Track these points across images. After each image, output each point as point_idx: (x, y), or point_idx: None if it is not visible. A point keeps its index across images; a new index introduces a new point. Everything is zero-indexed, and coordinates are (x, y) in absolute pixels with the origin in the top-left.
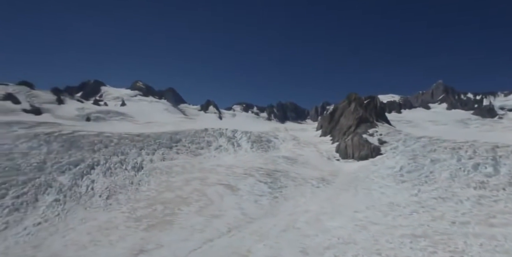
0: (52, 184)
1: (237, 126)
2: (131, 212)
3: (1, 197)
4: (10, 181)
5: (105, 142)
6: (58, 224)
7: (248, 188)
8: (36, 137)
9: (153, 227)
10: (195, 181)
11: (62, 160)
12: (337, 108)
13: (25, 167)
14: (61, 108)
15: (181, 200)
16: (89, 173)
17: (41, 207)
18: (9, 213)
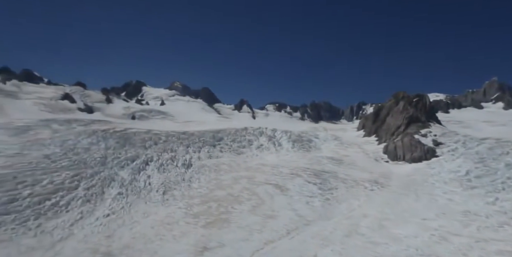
0: (115, 178)
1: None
2: (187, 208)
3: (75, 188)
4: (80, 173)
5: (154, 139)
6: (123, 216)
7: (297, 189)
8: (94, 134)
9: (211, 225)
10: (243, 180)
11: (120, 155)
12: (382, 107)
13: (90, 161)
14: (109, 107)
15: (233, 198)
16: (144, 169)
17: (108, 200)
18: (82, 203)
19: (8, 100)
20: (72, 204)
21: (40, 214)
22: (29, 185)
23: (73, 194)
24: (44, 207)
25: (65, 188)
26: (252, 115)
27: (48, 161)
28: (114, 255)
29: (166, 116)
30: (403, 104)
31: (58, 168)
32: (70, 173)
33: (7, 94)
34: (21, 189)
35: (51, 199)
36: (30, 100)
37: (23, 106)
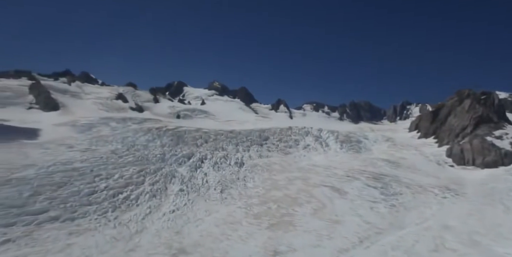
0: (175, 175)
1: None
2: (247, 208)
3: (141, 183)
4: (144, 169)
5: (204, 138)
6: (187, 213)
7: (356, 192)
8: (150, 132)
9: (275, 227)
10: (298, 181)
11: (176, 153)
12: (442, 106)
13: (151, 158)
14: (156, 106)
15: (291, 200)
16: (201, 167)
17: (171, 196)
18: (149, 198)
19: (72, 100)
20: (141, 198)
21: (116, 207)
22: (104, 178)
23: (141, 189)
24: (118, 200)
25: (133, 183)
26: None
27: (115, 156)
28: (188, 252)
29: (208, 115)
30: (469, 102)
31: (125, 163)
32: (136, 169)
33: (72, 94)
34: (98, 182)
35: (123, 193)
36: (90, 100)
37: (84, 105)
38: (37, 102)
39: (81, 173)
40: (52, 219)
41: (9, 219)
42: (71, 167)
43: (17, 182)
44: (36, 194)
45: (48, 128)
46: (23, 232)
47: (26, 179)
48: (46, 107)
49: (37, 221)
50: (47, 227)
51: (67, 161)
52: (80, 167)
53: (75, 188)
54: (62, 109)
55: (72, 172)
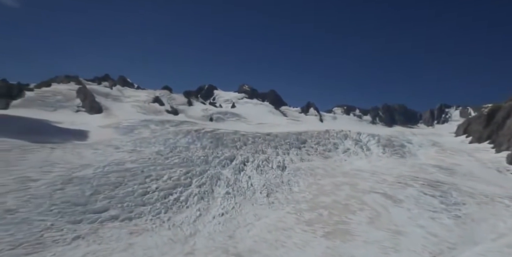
0: (220, 177)
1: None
2: (297, 214)
3: (189, 185)
4: (191, 171)
5: (243, 140)
6: (237, 217)
7: (412, 201)
8: (189, 134)
9: (332, 235)
10: (345, 186)
11: (219, 155)
12: (498, 109)
13: (195, 159)
14: (190, 109)
15: (342, 206)
16: (244, 169)
17: (218, 198)
18: (198, 201)
19: (114, 103)
20: (190, 200)
21: (168, 208)
22: (154, 179)
23: (189, 191)
24: (169, 202)
25: (181, 184)
26: (319, 118)
27: (162, 158)
28: None
29: (240, 118)
30: None
31: (171, 164)
32: (183, 170)
33: (113, 98)
34: (149, 183)
35: (173, 194)
36: (129, 103)
37: (124, 108)
38: (84, 105)
39: (133, 173)
40: (112, 218)
41: (76, 216)
42: (123, 168)
43: (79, 181)
44: (96, 193)
45: (95, 130)
46: (90, 230)
47: (85, 178)
48: (92, 110)
49: (100, 219)
50: (109, 226)
51: (119, 162)
52: (131, 167)
53: (130, 188)
54: (105, 112)
55: (125, 172)
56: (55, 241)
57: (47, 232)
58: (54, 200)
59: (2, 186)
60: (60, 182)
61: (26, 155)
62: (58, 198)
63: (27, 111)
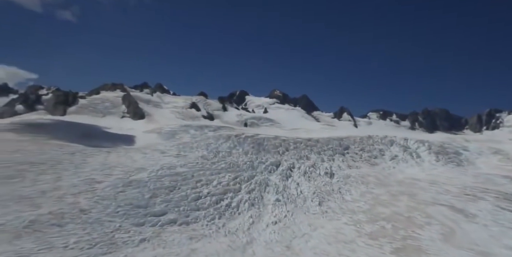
0: (268, 183)
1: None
2: (356, 225)
3: (238, 190)
4: (239, 176)
5: (284, 146)
6: (291, 226)
7: (487, 216)
8: (230, 139)
9: (403, 253)
10: (403, 197)
11: (263, 160)
12: None
13: (242, 165)
14: (225, 115)
15: (405, 219)
16: (291, 176)
17: (269, 205)
18: (249, 207)
19: (154, 109)
20: (241, 206)
21: (221, 214)
22: (205, 184)
23: (239, 197)
24: (221, 207)
25: (231, 190)
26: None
27: (208, 162)
28: None
29: (274, 123)
30: None
31: (219, 169)
32: (231, 176)
33: (154, 104)
34: (201, 188)
35: (224, 200)
36: (168, 109)
37: (164, 114)
38: (128, 111)
39: (184, 178)
40: (171, 222)
41: (139, 218)
42: (175, 172)
43: (137, 184)
44: (154, 196)
45: (140, 135)
46: (153, 233)
47: (142, 181)
48: (135, 116)
49: (160, 223)
50: (169, 230)
51: (170, 166)
52: (182, 172)
53: (183, 193)
54: (147, 118)
55: (177, 176)
56: (125, 242)
57: (117, 233)
58: (118, 202)
59: (74, 187)
60: (121, 184)
61: (87, 158)
62: (121, 200)
63: (81, 117)
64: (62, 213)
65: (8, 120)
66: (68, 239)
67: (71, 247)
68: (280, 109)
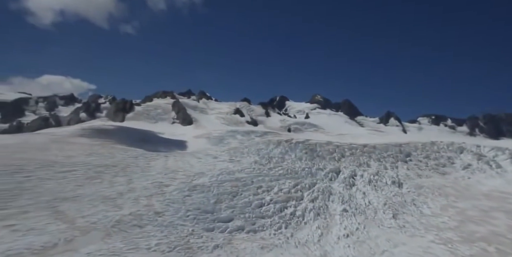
0: (332, 192)
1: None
2: (447, 245)
3: (301, 199)
4: (299, 183)
5: (339, 151)
6: (366, 240)
7: None
8: (280, 144)
9: None
10: (498, 213)
11: (321, 167)
12: None
13: (300, 171)
14: (268, 120)
15: (510, 242)
16: (355, 184)
17: (335, 216)
18: (314, 217)
19: (201, 115)
20: (306, 216)
21: (287, 223)
22: (265, 190)
23: (303, 205)
24: (286, 216)
25: (293, 198)
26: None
27: (265, 168)
28: None
29: (317, 129)
30: None
31: (277, 176)
32: (291, 182)
33: (200, 110)
34: (262, 194)
35: (287, 208)
36: (213, 115)
37: (210, 119)
38: (178, 117)
39: (244, 183)
40: (239, 229)
41: (208, 224)
42: (234, 177)
43: (201, 189)
44: (219, 202)
45: (190, 140)
46: (224, 239)
47: (205, 186)
48: (184, 122)
49: (228, 230)
50: (238, 237)
51: (229, 171)
52: (241, 177)
53: (246, 199)
54: (195, 123)
55: (237, 182)
56: (200, 248)
57: (192, 238)
58: (187, 206)
59: (145, 189)
60: (187, 188)
61: (150, 162)
62: (190, 204)
63: (137, 123)
64: (140, 215)
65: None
66: (150, 241)
67: (153, 249)
68: (322, 114)
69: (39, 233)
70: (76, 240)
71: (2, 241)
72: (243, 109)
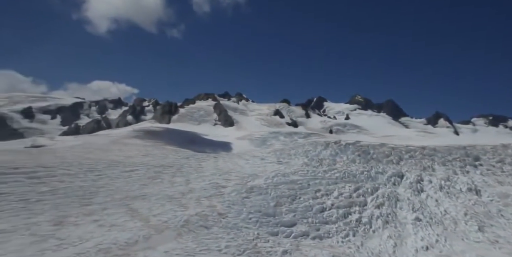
0: (399, 198)
1: None
2: None
3: (364, 204)
4: (360, 187)
5: (396, 154)
6: (452, 256)
7: None
8: (329, 146)
9: None
10: None
11: (379, 170)
12: None
13: (358, 174)
14: (308, 121)
15: None
16: (423, 190)
17: (407, 225)
18: (383, 225)
19: (241, 117)
20: (374, 223)
21: (354, 231)
22: (324, 194)
23: (368, 212)
24: (351, 222)
25: (356, 203)
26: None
27: (319, 171)
28: None
29: (361, 130)
30: None
31: (334, 179)
32: (351, 186)
33: (240, 112)
34: (322, 198)
35: (352, 214)
36: (253, 116)
37: (250, 121)
38: (219, 119)
39: (300, 186)
40: (303, 234)
41: (272, 228)
42: (289, 180)
43: (259, 191)
44: (279, 205)
45: (234, 141)
46: (291, 245)
47: (262, 188)
48: (226, 123)
49: (293, 235)
50: (305, 243)
51: (284, 173)
52: (296, 180)
53: (306, 203)
54: (236, 125)
55: (292, 184)
56: (269, 253)
57: (259, 242)
58: (248, 208)
59: (204, 190)
60: (244, 190)
61: (201, 163)
62: (250, 206)
63: (181, 125)
64: (205, 215)
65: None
66: (219, 242)
67: (224, 251)
68: (363, 115)
69: (121, 230)
70: (153, 238)
71: (93, 236)
72: (283, 110)
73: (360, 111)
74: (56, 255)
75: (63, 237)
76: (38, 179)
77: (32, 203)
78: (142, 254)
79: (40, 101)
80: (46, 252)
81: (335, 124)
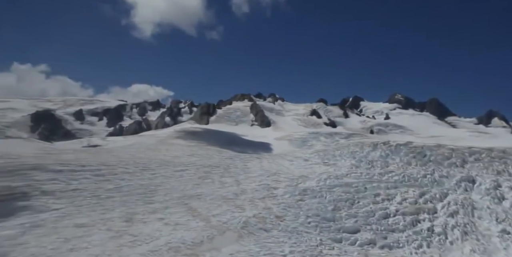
0: (475, 205)
1: None
2: None
3: (433, 212)
4: (426, 192)
5: (458, 156)
6: None
7: None
8: (377, 147)
9: None
10: None
11: (444, 174)
12: None
13: (419, 178)
14: (347, 121)
15: None
16: (505, 198)
17: (492, 238)
18: (462, 237)
19: (277, 117)
20: (450, 234)
21: (428, 241)
22: (385, 199)
23: (440, 220)
24: (423, 232)
25: (424, 210)
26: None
27: (374, 173)
28: None
29: (404, 130)
30: None
31: (393, 182)
32: (416, 191)
33: (276, 112)
34: (383, 203)
35: (421, 222)
36: (289, 116)
37: (286, 121)
38: (256, 119)
39: (356, 190)
40: (370, 243)
41: (334, 233)
42: (343, 182)
43: (312, 194)
44: (337, 209)
45: (273, 142)
46: (359, 254)
47: (315, 191)
48: (262, 124)
49: (358, 242)
50: (373, 253)
51: (337, 175)
52: (351, 182)
53: (367, 207)
54: (273, 125)
55: (347, 187)
56: None
57: (324, 249)
58: (305, 211)
59: (256, 191)
60: (297, 192)
61: (246, 163)
62: (307, 210)
63: (220, 125)
64: (263, 218)
65: (173, 129)
66: (282, 247)
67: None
68: (404, 115)
69: (186, 229)
70: (216, 239)
71: (161, 234)
72: (320, 110)
73: (400, 111)
74: (132, 251)
75: (136, 233)
76: (103, 176)
77: (103, 199)
78: (208, 255)
79: (88, 104)
80: (123, 248)
81: (376, 124)
